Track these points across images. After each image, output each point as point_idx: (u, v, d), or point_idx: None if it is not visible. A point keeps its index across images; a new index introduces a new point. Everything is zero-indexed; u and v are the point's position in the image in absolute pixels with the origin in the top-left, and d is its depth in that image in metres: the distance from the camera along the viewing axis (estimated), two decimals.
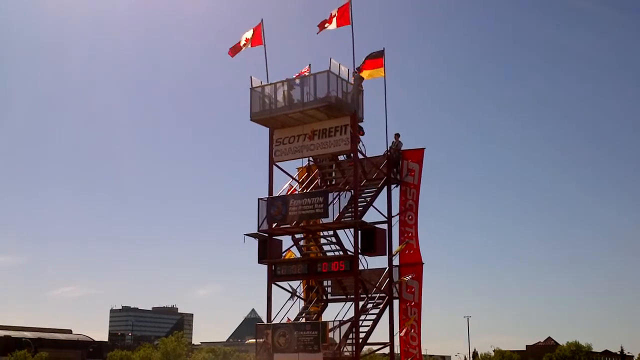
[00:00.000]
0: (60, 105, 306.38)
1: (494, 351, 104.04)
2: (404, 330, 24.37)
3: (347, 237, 23.91)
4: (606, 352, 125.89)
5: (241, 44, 25.99)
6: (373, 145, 25.62)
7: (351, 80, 24.43)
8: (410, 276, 24.59)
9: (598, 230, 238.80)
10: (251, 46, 25.99)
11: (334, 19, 24.42)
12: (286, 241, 25.16)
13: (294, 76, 24.70)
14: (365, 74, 25.14)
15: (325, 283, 26.39)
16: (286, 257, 25.25)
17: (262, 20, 25.93)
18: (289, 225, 24.06)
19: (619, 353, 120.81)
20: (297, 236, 25.27)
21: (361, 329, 23.55)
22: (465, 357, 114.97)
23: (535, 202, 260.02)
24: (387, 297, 24.60)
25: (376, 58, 25.62)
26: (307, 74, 24.62)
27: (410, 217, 25.07)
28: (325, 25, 24.63)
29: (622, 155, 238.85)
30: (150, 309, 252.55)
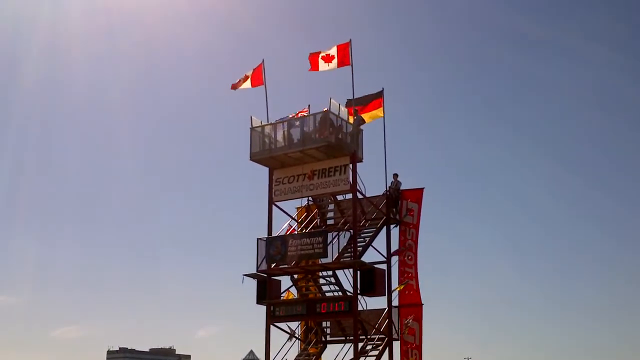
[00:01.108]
0: (60, 143, 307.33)
1: None
2: None
3: (346, 277, 23.81)
4: None
5: (241, 81, 26.08)
6: (372, 185, 25.64)
7: (351, 120, 24.52)
8: (410, 318, 24.43)
9: (599, 277, 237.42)
10: (252, 86, 26.12)
11: (334, 60, 24.53)
12: (285, 281, 25.05)
13: (293, 116, 24.79)
14: (365, 116, 25.28)
15: (324, 324, 26.16)
16: (285, 298, 25.09)
17: (263, 60, 26.14)
18: (287, 266, 23.93)
19: None
20: (295, 276, 25.13)
21: None
22: None
23: (535, 243, 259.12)
24: (386, 339, 24.37)
25: (375, 99, 25.80)
26: (306, 114, 24.73)
27: (409, 257, 24.96)
28: (322, 67, 24.62)
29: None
30: (147, 350, 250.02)
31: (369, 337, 24.50)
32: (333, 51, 24.59)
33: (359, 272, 23.17)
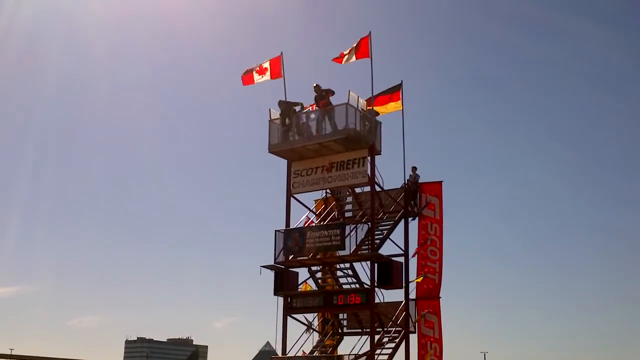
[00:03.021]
0: (82, 138, 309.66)
1: None
2: None
3: (363, 269, 23.83)
4: None
5: (255, 72, 26.05)
6: (391, 177, 25.62)
7: (369, 112, 24.50)
8: (426, 312, 24.44)
9: (627, 263, 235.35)
10: (271, 78, 26.14)
11: (353, 51, 24.54)
12: (302, 273, 25.11)
13: (312, 108, 24.81)
14: (382, 108, 25.24)
15: (340, 316, 26.23)
16: (302, 290, 25.16)
17: (281, 53, 26.14)
18: (305, 257, 23.99)
19: None
20: (313, 268, 25.19)
21: None
22: None
23: (555, 238, 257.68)
24: (403, 331, 24.38)
25: (394, 92, 25.76)
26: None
27: (433, 252, 24.88)
28: (346, 58, 24.67)
29: None
30: (165, 340, 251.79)
31: (385, 329, 24.53)
32: (354, 45, 24.60)
33: (376, 264, 23.19)
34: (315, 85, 24.60)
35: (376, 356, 23.38)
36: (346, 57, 24.62)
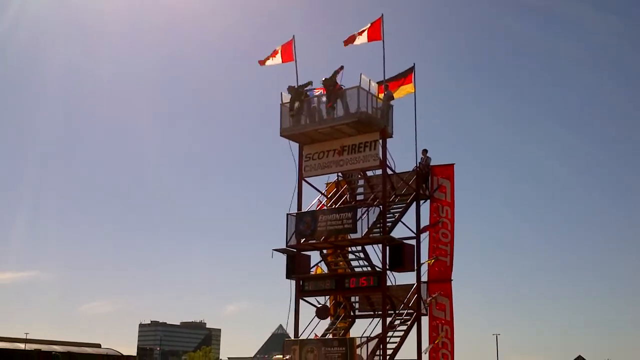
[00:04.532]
0: (93, 124, 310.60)
1: None
2: (431, 346, 24.17)
3: (375, 252, 23.90)
4: None
5: (271, 57, 26.08)
6: (402, 161, 25.60)
7: (381, 95, 24.47)
8: (437, 294, 24.48)
9: (631, 250, 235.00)
10: (282, 62, 26.12)
11: (365, 33, 24.48)
12: (314, 257, 25.20)
13: (323, 91, 24.77)
14: (395, 92, 25.17)
15: (352, 299, 26.32)
16: (314, 273, 25.25)
17: (293, 36, 26.09)
18: (317, 241, 24.05)
19: None
20: (325, 252, 25.25)
21: (389, 346, 23.42)
22: None
23: (565, 222, 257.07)
24: (415, 314, 24.45)
25: (406, 75, 25.70)
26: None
27: (444, 235, 24.88)
28: (355, 40, 24.63)
29: None
30: (178, 323, 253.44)
31: (397, 312, 24.59)
32: (366, 27, 24.56)
33: (388, 247, 23.22)
34: (323, 80, 24.33)
35: (388, 338, 23.48)
36: (358, 38, 24.56)
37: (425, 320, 24.64)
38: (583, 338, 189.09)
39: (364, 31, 24.55)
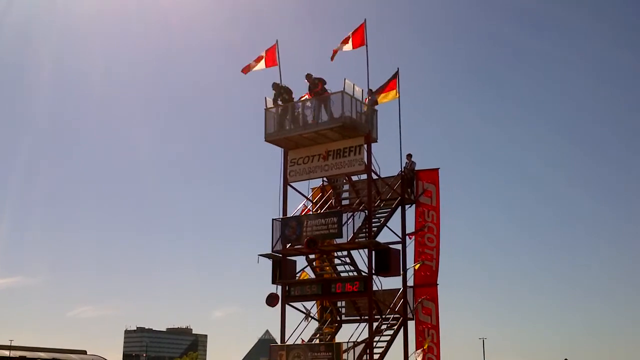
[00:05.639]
0: (79, 126, 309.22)
1: None
2: (419, 351, 24.21)
3: (361, 257, 23.88)
4: None
5: (254, 63, 26.07)
6: (387, 165, 25.63)
7: (365, 100, 24.51)
8: (423, 298, 24.54)
9: (619, 249, 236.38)
10: (266, 67, 26.10)
11: (350, 41, 24.55)
12: (300, 262, 25.15)
13: (307, 96, 24.78)
14: (379, 97, 25.23)
15: (339, 304, 26.30)
16: (300, 278, 25.22)
17: (277, 41, 26.08)
18: (302, 246, 24.03)
19: None
20: (311, 257, 25.23)
21: (375, 350, 23.39)
22: None
23: (550, 224, 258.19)
24: (401, 319, 24.47)
25: (390, 80, 25.75)
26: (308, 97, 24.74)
27: (430, 239, 24.95)
28: (342, 48, 24.69)
29: None
30: (164, 329, 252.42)
31: (383, 316, 24.62)
32: (349, 34, 24.63)
33: (373, 252, 23.23)
34: (307, 74, 24.56)
35: (374, 343, 23.47)
36: (344, 47, 24.62)
37: (411, 325, 24.69)
38: (569, 342, 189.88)
39: (348, 38, 24.61)
